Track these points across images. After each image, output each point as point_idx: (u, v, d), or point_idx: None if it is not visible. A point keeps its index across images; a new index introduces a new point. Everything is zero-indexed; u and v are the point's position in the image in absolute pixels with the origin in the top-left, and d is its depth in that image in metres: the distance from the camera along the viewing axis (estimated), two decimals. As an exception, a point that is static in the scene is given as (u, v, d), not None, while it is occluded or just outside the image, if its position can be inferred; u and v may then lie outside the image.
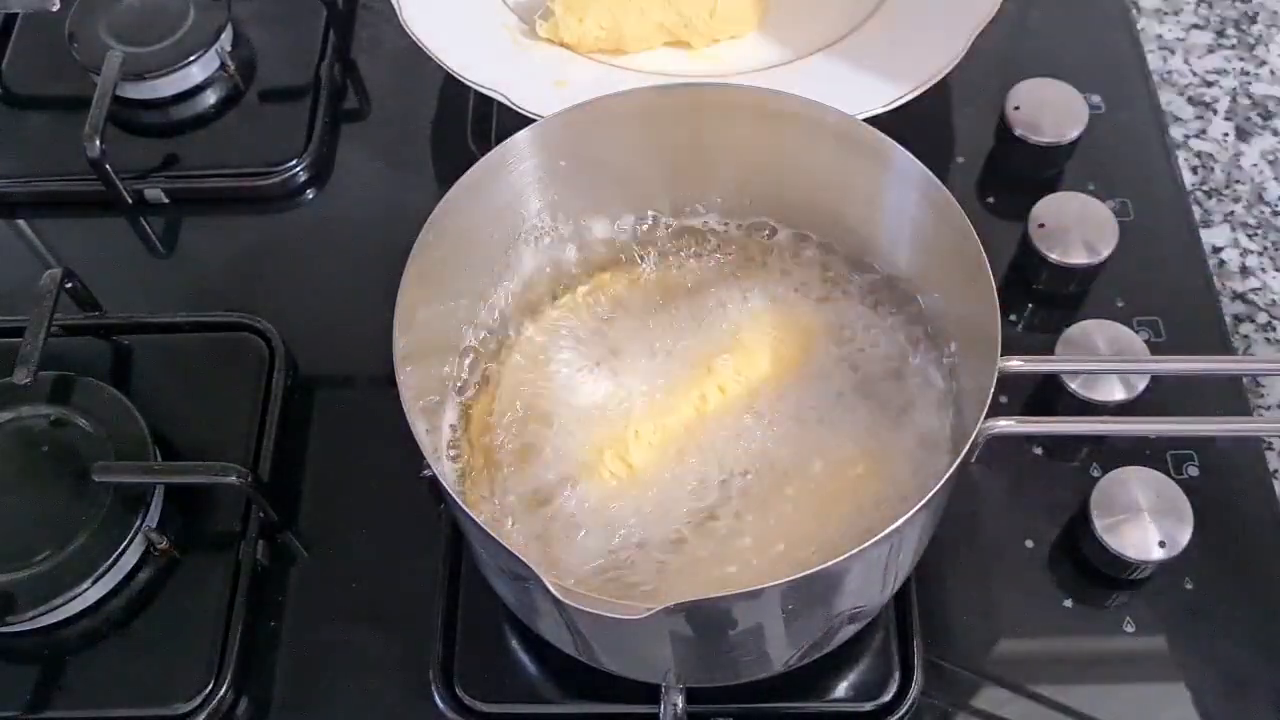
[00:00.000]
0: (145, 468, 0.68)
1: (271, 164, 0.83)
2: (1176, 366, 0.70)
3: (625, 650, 0.58)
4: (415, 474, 0.56)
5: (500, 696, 0.64)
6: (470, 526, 0.53)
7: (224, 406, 0.72)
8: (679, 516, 0.59)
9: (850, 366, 0.63)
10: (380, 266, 0.59)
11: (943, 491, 0.51)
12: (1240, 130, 0.87)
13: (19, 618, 0.64)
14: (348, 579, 0.68)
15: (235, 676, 0.64)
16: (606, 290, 0.66)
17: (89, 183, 0.81)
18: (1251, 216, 0.83)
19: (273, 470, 0.70)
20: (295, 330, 0.76)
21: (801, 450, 0.61)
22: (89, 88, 0.81)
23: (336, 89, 0.88)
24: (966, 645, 0.65)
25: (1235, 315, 0.79)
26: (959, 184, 0.79)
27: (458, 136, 0.85)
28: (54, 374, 0.71)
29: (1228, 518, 0.67)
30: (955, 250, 0.57)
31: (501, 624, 0.66)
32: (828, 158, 0.63)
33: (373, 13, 0.92)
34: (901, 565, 0.58)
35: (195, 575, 0.67)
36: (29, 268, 0.79)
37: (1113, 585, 0.66)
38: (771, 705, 0.63)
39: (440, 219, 0.58)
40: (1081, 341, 0.70)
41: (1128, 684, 0.64)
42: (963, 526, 0.67)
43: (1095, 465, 0.69)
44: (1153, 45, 0.91)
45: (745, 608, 0.52)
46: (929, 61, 0.77)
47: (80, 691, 0.64)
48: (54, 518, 0.66)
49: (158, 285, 0.81)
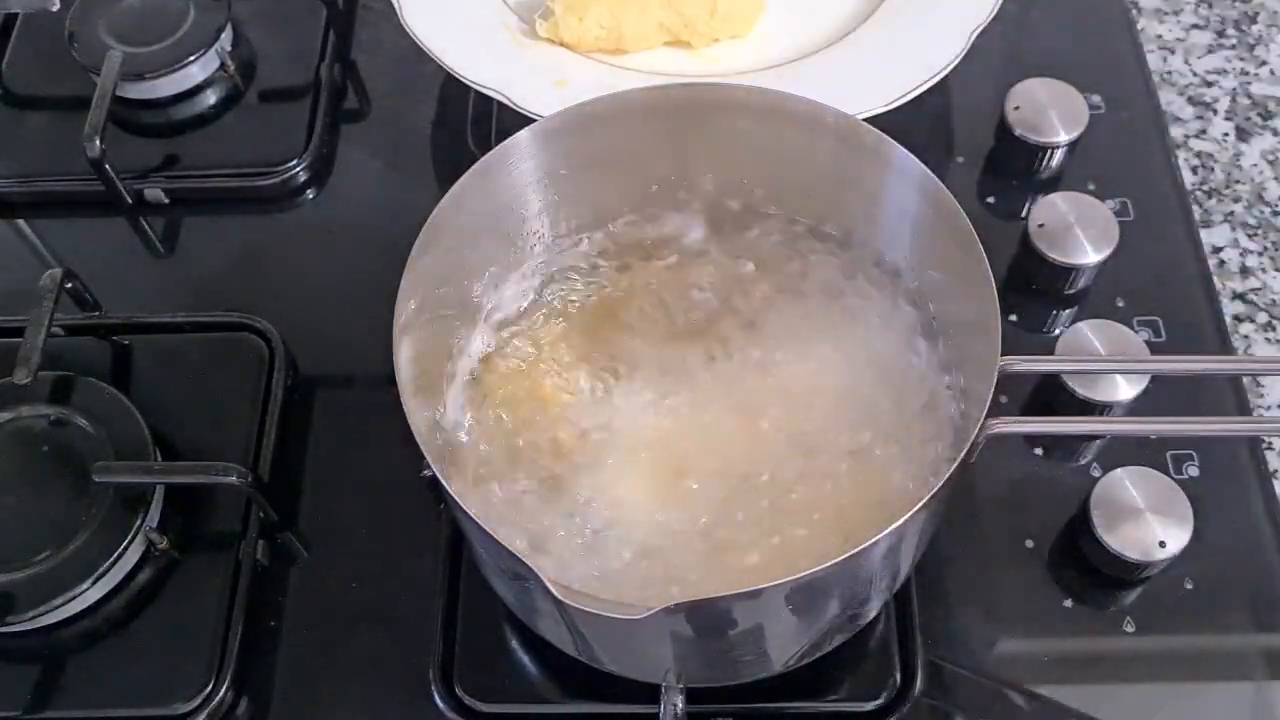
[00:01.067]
0: (145, 468, 0.68)
1: (271, 164, 0.83)
2: (1176, 366, 0.70)
3: (625, 650, 0.58)
4: (415, 474, 0.56)
5: (500, 696, 0.64)
6: (470, 526, 0.53)
7: (224, 406, 0.72)
8: (682, 520, 0.59)
9: (850, 366, 0.63)
10: (380, 266, 0.58)
11: (943, 491, 0.51)
12: (1240, 130, 0.87)
13: (19, 618, 0.64)
14: (348, 579, 0.68)
15: (235, 676, 0.64)
16: (607, 290, 0.66)
17: (89, 183, 0.81)
18: (1251, 216, 0.83)
19: (273, 470, 0.70)
20: (295, 330, 0.76)
21: (800, 450, 0.61)
22: (89, 88, 0.81)
23: (336, 89, 0.88)
24: (966, 645, 0.65)
25: (1235, 315, 0.79)
26: (959, 184, 0.79)
27: (458, 136, 0.85)
28: (54, 374, 0.71)
29: (1228, 518, 0.67)
30: (955, 250, 0.57)
31: (501, 624, 0.66)
32: (828, 158, 0.63)
33: (373, 13, 0.92)
34: (901, 565, 0.58)
35: (195, 575, 0.67)
36: (29, 268, 0.79)
37: (1113, 585, 0.66)
38: (771, 705, 0.63)
39: (440, 219, 0.58)
40: (1081, 341, 0.70)
41: (1128, 684, 0.64)
42: (963, 526, 0.67)
43: (1095, 465, 0.69)
44: (1153, 45, 0.91)
45: (745, 608, 0.52)
46: (929, 61, 0.77)
47: (80, 691, 0.64)
48: (54, 518, 0.66)
49: (158, 285, 0.80)
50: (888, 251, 0.65)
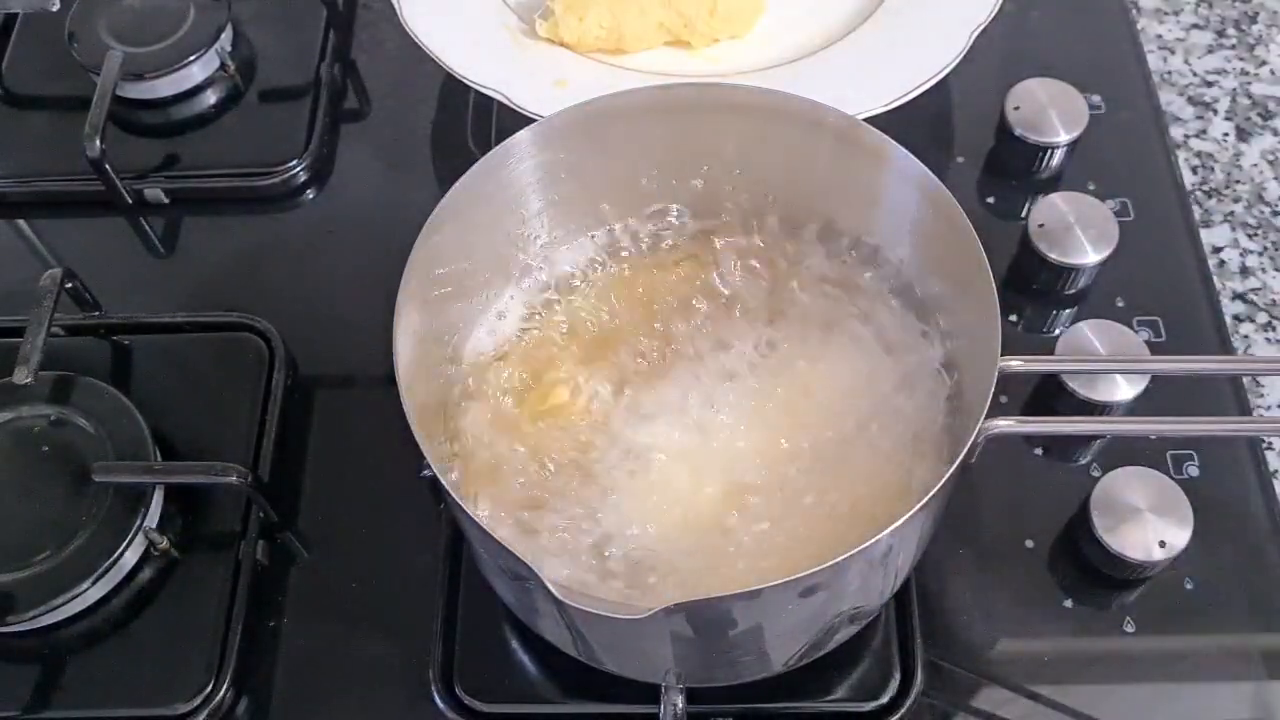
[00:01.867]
0: (145, 468, 0.68)
1: (271, 164, 0.83)
2: (1176, 366, 0.70)
3: (625, 650, 0.58)
4: (415, 474, 0.56)
5: (500, 696, 0.64)
6: (470, 526, 0.53)
7: (224, 406, 0.72)
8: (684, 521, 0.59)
9: (849, 367, 0.63)
10: (380, 266, 0.58)
11: (943, 491, 0.51)
12: (1240, 130, 0.87)
13: (19, 618, 0.64)
14: (348, 579, 0.68)
15: (235, 676, 0.64)
16: (607, 289, 0.66)
17: (89, 183, 0.81)
18: (1251, 216, 0.83)
19: (273, 470, 0.70)
20: (295, 330, 0.76)
21: (800, 450, 0.61)
22: (89, 88, 0.81)
23: (336, 89, 0.88)
24: (966, 645, 0.65)
25: (1235, 315, 0.79)
26: (959, 184, 0.79)
27: (458, 136, 0.85)
28: (54, 374, 0.70)
29: (1228, 518, 0.67)
30: (955, 250, 0.57)
31: (501, 624, 0.66)
32: (828, 158, 0.63)
33: (373, 13, 0.92)
34: (901, 565, 0.58)
35: (195, 575, 0.67)
36: (29, 268, 0.79)
37: (1113, 585, 0.66)
38: (771, 705, 0.63)
39: (440, 219, 0.58)
40: (1081, 341, 0.70)
41: (1128, 684, 0.64)
42: (963, 526, 0.67)
43: (1095, 465, 0.69)
44: (1153, 45, 0.91)
45: (745, 608, 0.52)
46: (929, 61, 0.77)
47: (80, 691, 0.64)
48: (54, 518, 0.66)
49: (158, 285, 0.80)
50: (888, 251, 0.64)
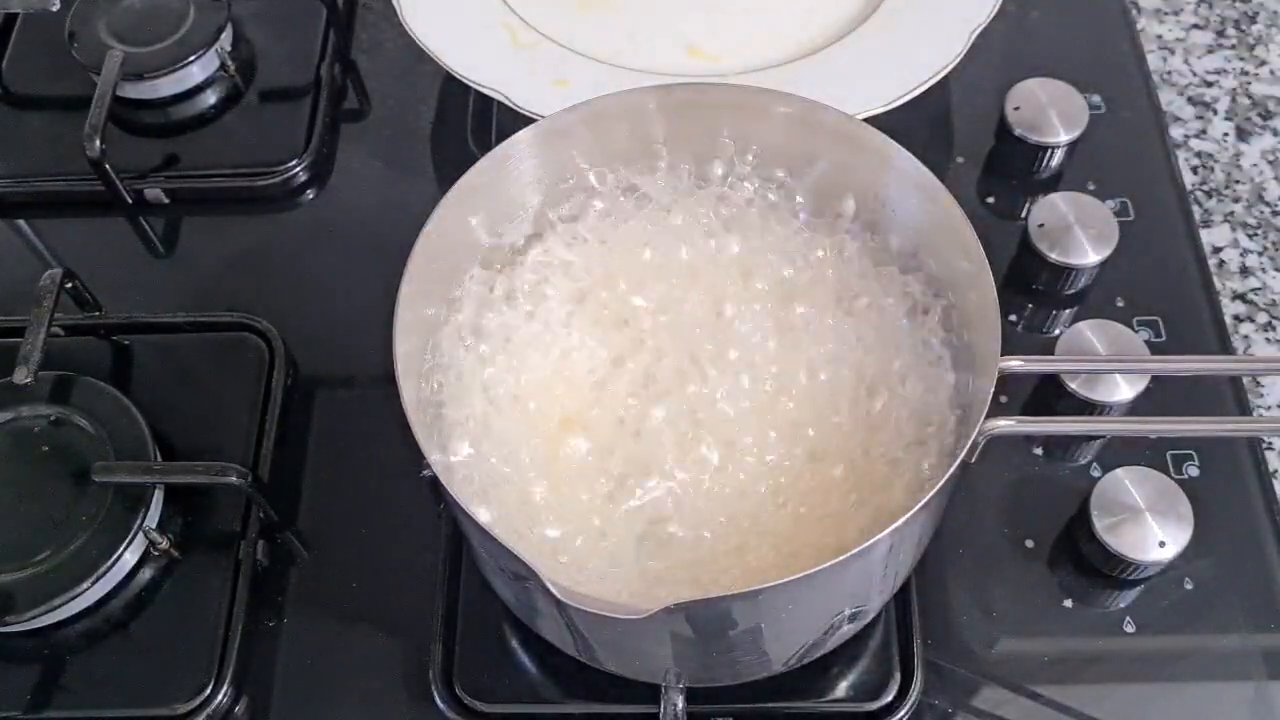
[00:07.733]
0: (145, 468, 0.68)
1: (271, 164, 0.83)
2: (1176, 366, 0.70)
3: (625, 650, 0.58)
4: (415, 474, 0.56)
5: (500, 696, 0.64)
6: (470, 526, 0.53)
7: (224, 406, 0.72)
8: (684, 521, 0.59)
9: (849, 366, 0.63)
10: (380, 266, 0.58)
11: (943, 491, 0.51)
12: (1240, 130, 0.87)
13: (19, 618, 0.64)
14: (348, 579, 0.68)
15: (235, 676, 0.64)
16: (607, 289, 0.66)
17: (89, 183, 0.81)
18: (1251, 216, 0.83)
19: (273, 470, 0.70)
20: (295, 330, 0.76)
21: (799, 450, 0.61)
22: (89, 88, 0.81)
23: (336, 89, 0.88)
24: (966, 645, 0.65)
25: (1235, 315, 0.79)
26: (959, 184, 0.79)
27: (458, 136, 0.85)
28: (54, 374, 0.70)
29: (1228, 518, 0.67)
30: (955, 250, 0.57)
31: (501, 624, 0.66)
32: (828, 158, 0.63)
33: (373, 13, 0.92)
34: (901, 565, 0.58)
35: (195, 575, 0.67)
36: (29, 268, 0.79)
37: (1113, 585, 0.66)
38: (771, 705, 0.63)
39: (441, 219, 0.58)
40: (1081, 341, 0.70)
41: (1128, 684, 0.64)
42: (963, 526, 0.67)
43: (1095, 465, 0.69)
44: (1153, 45, 0.91)
45: (745, 608, 0.52)
46: (929, 61, 0.77)
47: (80, 691, 0.64)
48: (54, 518, 0.66)
49: (158, 285, 0.80)
50: (887, 251, 0.64)
